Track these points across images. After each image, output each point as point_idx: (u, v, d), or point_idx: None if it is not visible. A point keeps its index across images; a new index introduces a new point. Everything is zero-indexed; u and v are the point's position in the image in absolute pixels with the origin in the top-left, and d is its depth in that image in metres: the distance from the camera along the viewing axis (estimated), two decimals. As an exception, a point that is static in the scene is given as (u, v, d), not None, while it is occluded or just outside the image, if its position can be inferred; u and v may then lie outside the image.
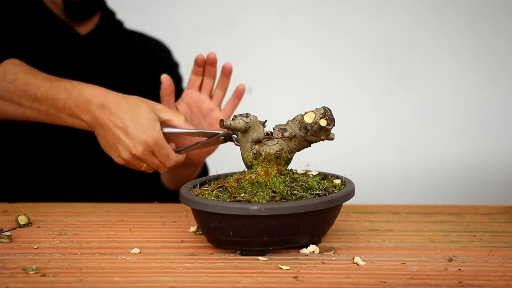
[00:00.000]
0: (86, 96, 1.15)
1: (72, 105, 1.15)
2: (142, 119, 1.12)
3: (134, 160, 1.14)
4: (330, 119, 0.96)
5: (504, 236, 1.05)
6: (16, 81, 1.18)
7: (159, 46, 1.64)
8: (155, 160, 1.15)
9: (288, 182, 0.96)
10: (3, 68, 1.20)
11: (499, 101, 2.20)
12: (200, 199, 0.92)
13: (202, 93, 1.27)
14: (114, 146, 1.14)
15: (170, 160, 1.15)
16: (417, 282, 0.84)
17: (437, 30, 2.19)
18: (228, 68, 1.25)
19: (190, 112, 1.27)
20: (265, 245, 0.92)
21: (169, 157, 1.15)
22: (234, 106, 1.28)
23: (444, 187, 2.20)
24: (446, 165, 2.21)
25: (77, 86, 1.16)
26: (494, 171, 2.19)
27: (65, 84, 1.17)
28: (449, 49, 2.19)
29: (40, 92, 1.17)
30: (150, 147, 1.12)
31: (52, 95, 1.16)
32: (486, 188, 2.19)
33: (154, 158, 1.15)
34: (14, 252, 0.95)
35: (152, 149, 1.13)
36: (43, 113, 1.18)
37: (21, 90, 1.18)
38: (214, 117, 1.27)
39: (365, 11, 2.19)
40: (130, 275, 0.86)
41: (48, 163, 1.45)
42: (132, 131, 1.11)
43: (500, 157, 2.19)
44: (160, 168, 1.17)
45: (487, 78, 2.19)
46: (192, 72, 1.26)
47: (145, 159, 1.14)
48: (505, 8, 2.18)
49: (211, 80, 1.26)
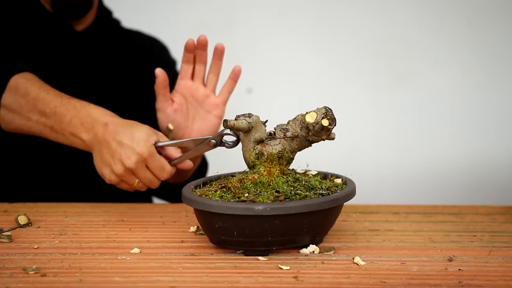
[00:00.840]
0: (93, 115, 1.16)
1: (78, 122, 1.16)
2: (138, 133, 1.12)
3: (126, 174, 1.13)
4: (332, 119, 0.96)
5: (504, 236, 1.05)
6: (27, 96, 1.20)
7: (156, 44, 1.64)
8: (148, 173, 1.13)
9: (291, 182, 0.97)
10: (15, 82, 1.22)
11: (499, 101, 2.20)
12: (204, 200, 0.92)
13: (195, 81, 1.27)
14: (107, 161, 1.13)
15: (165, 172, 1.14)
16: (417, 282, 0.84)
17: (437, 30, 2.19)
18: (221, 49, 1.25)
19: (186, 102, 1.27)
20: (269, 245, 0.92)
21: (163, 169, 1.14)
22: (231, 89, 1.29)
23: (444, 187, 2.20)
24: (446, 165, 2.21)
25: (86, 106, 1.18)
26: (494, 171, 2.19)
27: (75, 102, 1.19)
28: (449, 49, 2.19)
29: (49, 108, 1.19)
30: (144, 158, 1.11)
31: (61, 112, 1.18)
32: (486, 188, 2.19)
33: (147, 171, 1.13)
34: (14, 252, 0.95)
35: (145, 161, 1.12)
36: (48, 128, 1.20)
37: (31, 105, 1.20)
38: (210, 103, 1.27)
39: (365, 11, 2.19)
40: (130, 275, 0.86)
41: (49, 163, 1.45)
42: (127, 142, 1.11)
43: (500, 157, 2.19)
44: (152, 183, 1.15)
45: (487, 78, 2.19)
46: (183, 61, 1.26)
47: (138, 173, 1.12)
48: (505, 8, 2.18)
49: (203, 66, 1.27)
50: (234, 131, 1.04)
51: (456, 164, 2.21)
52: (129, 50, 1.57)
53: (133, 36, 1.62)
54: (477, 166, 2.20)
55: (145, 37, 1.64)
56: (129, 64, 1.55)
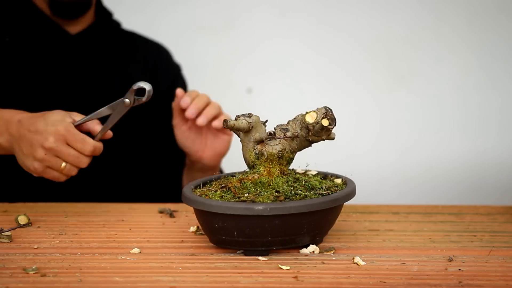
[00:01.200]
0: (5, 117, 1.18)
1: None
2: (52, 116, 1.13)
3: (49, 158, 1.12)
4: (332, 119, 0.96)
5: (504, 236, 1.05)
6: None
7: (161, 51, 1.63)
8: (71, 150, 1.12)
9: (291, 182, 0.97)
10: None
11: (499, 101, 2.19)
12: (204, 200, 0.92)
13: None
14: (28, 152, 1.13)
15: (87, 144, 1.12)
16: (417, 282, 0.84)
17: (437, 29, 2.19)
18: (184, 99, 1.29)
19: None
20: (269, 245, 0.92)
21: (85, 142, 1.12)
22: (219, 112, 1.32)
23: (445, 188, 2.20)
24: (447, 165, 2.20)
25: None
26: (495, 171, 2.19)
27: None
28: (449, 49, 2.19)
29: None
30: (62, 135, 1.11)
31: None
32: (487, 189, 2.19)
33: (69, 148, 1.12)
34: (14, 252, 0.95)
35: (65, 138, 1.12)
36: None
37: None
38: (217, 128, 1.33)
39: (366, 10, 2.19)
40: (130, 275, 0.86)
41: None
42: (42, 127, 1.12)
43: (501, 157, 2.19)
44: (79, 161, 1.13)
45: (487, 78, 2.19)
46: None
47: (60, 152, 1.11)
48: (505, 8, 2.17)
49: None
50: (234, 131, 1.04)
51: (457, 164, 2.20)
52: (130, 54, 1.56)
53: (136, 40, 1.60)
54: (478, 166, 2.20)
55: (149, 41, 1.63)
56: (130, 68, 1.54)
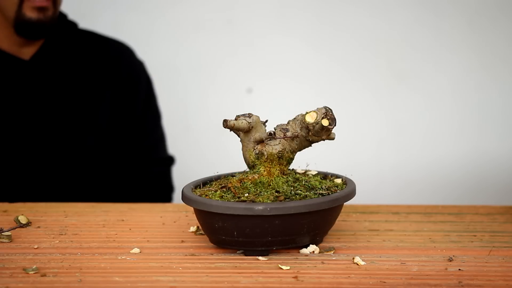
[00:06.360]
0: None
1: None
2: None
3: None
4: (332, 119, 0.96)
5: (504, 236, 1.05)
6: None
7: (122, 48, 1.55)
8: None
9: (291, 182, 0.97)
10: None
11: (500, 101, 2.19)
12: (204, 200, 0.92)
13: None
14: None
15: None
16: (417, 282, 0.84)
17: (437, 29, 2.19)
18: None
19: None
20: (269, 245, 0.92)
21: None
22: None
23: (445, 188, 2.20)
24: (447, 166, 2.20)
25: None
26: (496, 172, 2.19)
27: None
28: (449, 49, 2.19)
29: None
30: None
31: None
32: (487, 189, 2.18)
33: None
34: (14, 252, 0.95)
35: None
36: None
37: None
38: None
39: (366, 10, 2.19)
40: (130, 275, 0.86)
41: (49, 163, 1.45)
42: None
43: (502, 158, 2.19)
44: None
45: (488, 78, 2.19)
46: None
47: None
48: (505, 7, 2.17)
49: None
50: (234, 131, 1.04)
51: (457, 164, 2.20)
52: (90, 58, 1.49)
53: (95, 40, 1.53)
54: (479, 167, 2.20)
55: (109, 40, 1.55)
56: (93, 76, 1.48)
